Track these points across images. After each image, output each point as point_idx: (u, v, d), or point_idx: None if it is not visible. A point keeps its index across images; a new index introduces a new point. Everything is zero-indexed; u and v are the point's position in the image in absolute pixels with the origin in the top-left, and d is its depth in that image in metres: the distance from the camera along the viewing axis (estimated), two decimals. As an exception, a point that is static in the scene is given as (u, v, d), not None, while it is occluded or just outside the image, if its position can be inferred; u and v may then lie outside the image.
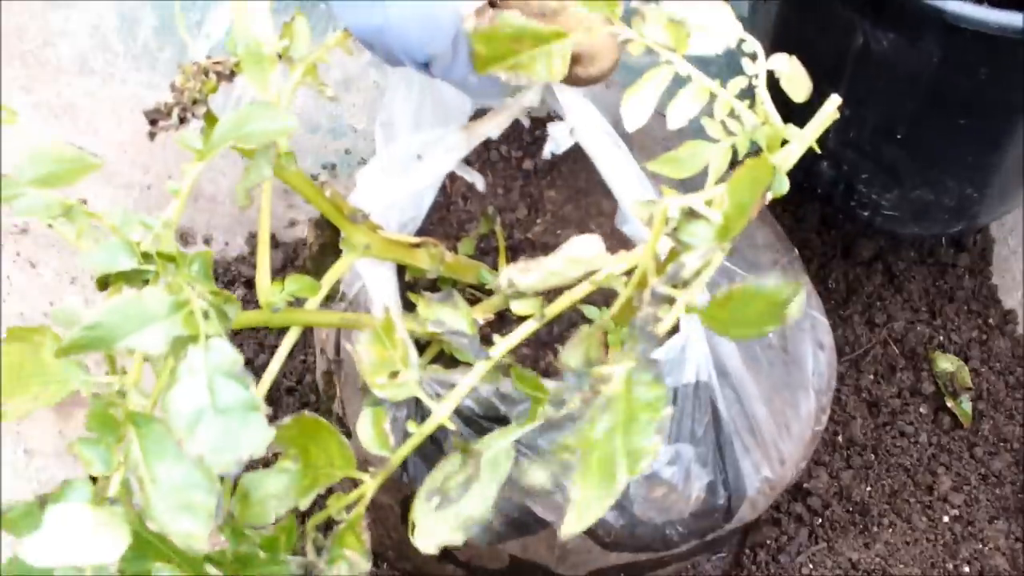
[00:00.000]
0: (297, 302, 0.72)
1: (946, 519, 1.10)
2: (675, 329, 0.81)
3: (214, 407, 0.53)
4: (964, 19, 0.86)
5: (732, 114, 0.62)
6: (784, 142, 0.60)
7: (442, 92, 0.87)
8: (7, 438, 1.09)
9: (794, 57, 0.62)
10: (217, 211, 1.26)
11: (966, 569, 1.06)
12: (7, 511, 0.53)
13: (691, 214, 0.54)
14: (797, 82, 0.62)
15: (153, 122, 0.62)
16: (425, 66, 0.70)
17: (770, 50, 0.62)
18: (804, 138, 0.60)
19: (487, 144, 0.94)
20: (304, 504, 0.64)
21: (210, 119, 0.62)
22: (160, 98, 0.62)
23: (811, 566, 1.06)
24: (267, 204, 0.69)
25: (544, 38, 0.65)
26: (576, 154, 0.90)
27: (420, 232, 0.89)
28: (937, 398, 1.16)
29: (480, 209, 0.92)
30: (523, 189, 0.94)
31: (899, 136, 1.00)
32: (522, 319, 0.68)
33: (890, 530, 1.08)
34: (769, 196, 0.56)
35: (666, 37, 0.62)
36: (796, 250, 0.96)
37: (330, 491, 0.67)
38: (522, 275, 0.59)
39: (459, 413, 0.76)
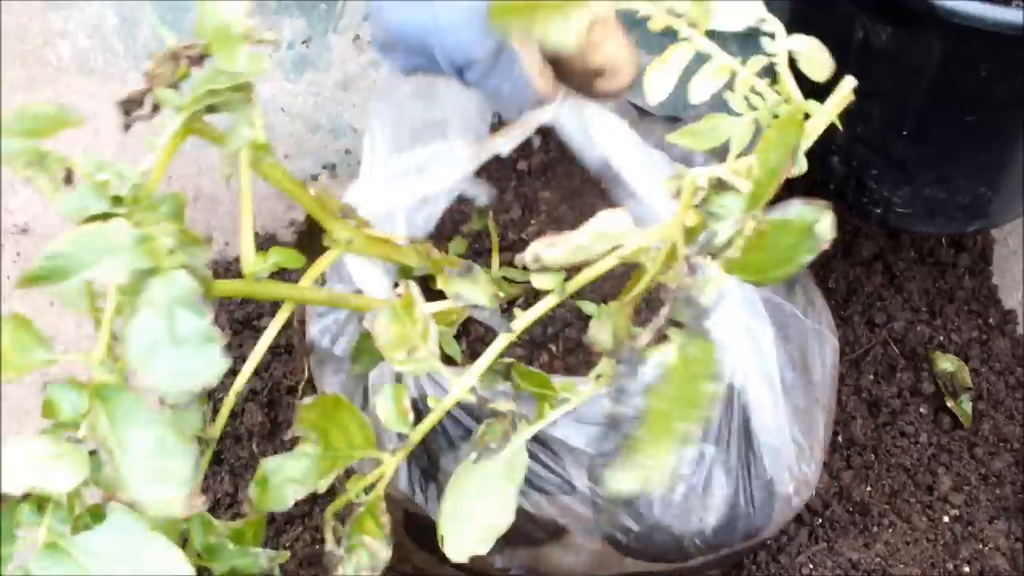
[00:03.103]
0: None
1: (946, 519, 1.10)
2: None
3: (171, 338, 0.53)
4: (958, 15, 0.83)
5: (753, 91, 0.62)
6: (806, 117, 0.60)
7: (458, 105, 0.86)
8: (8, 436, 1.09)
9: (813, 38, 0.62)
10: (217, 211, 1.26)
11: (966, 569, 1.06)
12: None
13: (720, 185, 0.54)
14: (816, 63, 0.62)
15: (127, 112, 0.62)
16: (460, 72, 0.69)
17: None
18: (825, 113, 0.60)
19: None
20: (323, 487, 0.64)
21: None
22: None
23: (811, 566, 1.06)
24: (246, 172, 0.69)
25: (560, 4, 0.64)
26: (571, 155, 0.89)
27: (419, 235, 0.89)
28: (937, 398, 1.16)
29: (474, 208, 0.92)
30: (517, 190, 0.94)
31: (906, 132, 0.98)
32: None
33: (890, 530, 1.08)
34: (793, 170, 0.56)
35: (688, 11, 0.62)
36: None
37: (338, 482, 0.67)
38: (549, 250, 0.59)
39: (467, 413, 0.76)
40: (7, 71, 1.24)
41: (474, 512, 0.63)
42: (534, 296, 0.80)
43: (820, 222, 0.50)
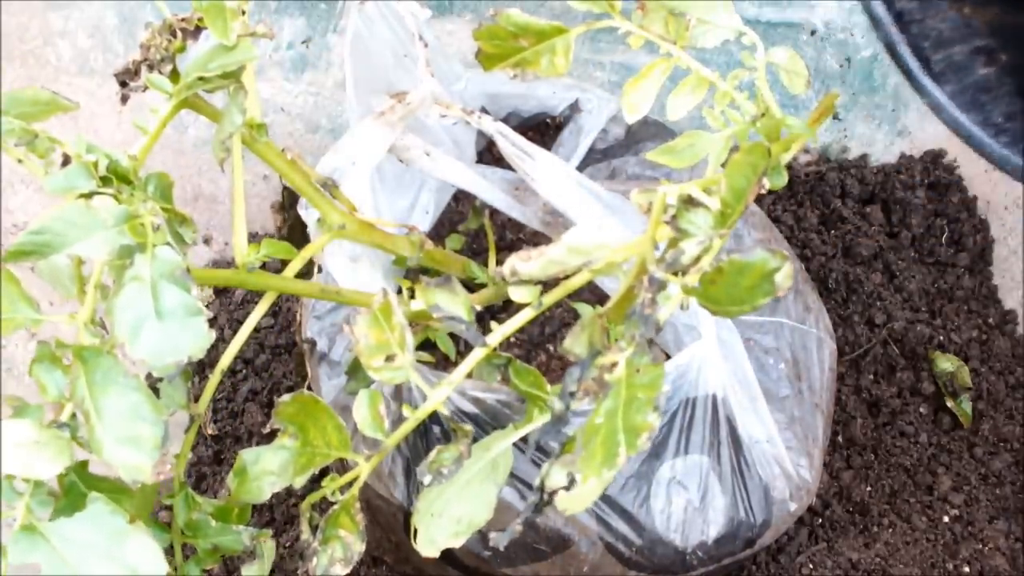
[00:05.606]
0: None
1: (946, 519, 1.09)
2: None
3: (156, 312, 0.54)
4: None
5: (733, 105, 0.62)
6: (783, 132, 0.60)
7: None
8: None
9: (791, 49, 0.62)
10: (217, 211, 1.26)
11: (966, 569, 1.06)
12: None
13: (689, 202, 0.54)
14: (796, 75, 0.62)
15: (123, 84, 0.63)
16: None
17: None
18: (804, 129, 0.60)
19: (479, 148, 0.94)
20: (299, 483, 0.64)
21: (175, 76, 0.63)
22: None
23: (811, 566, 1.06)
24: (238, 158, 0.69)
25: (546, 33, 0.65)
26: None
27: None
28: (937, 398, 1.16)
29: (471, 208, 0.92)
30: (516, 190, 0.94)
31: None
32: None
33: (890, 530, 1.08)
34: (766, 185, 0.56)
35: (666, 30, 0.62)
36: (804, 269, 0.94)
37: (324, 472, 0.67)
38: (524, 263, 0.59)
39: (468, 416, 0.76)
40: (7, 71, 1.24)
41: (451, 507, 0.63)
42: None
43: (780, 271, 0.51)
